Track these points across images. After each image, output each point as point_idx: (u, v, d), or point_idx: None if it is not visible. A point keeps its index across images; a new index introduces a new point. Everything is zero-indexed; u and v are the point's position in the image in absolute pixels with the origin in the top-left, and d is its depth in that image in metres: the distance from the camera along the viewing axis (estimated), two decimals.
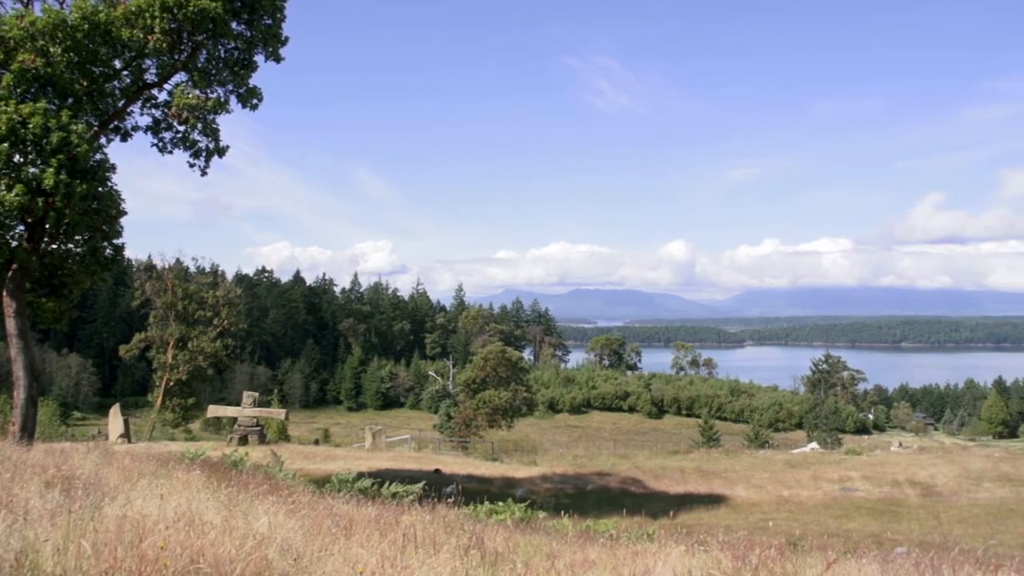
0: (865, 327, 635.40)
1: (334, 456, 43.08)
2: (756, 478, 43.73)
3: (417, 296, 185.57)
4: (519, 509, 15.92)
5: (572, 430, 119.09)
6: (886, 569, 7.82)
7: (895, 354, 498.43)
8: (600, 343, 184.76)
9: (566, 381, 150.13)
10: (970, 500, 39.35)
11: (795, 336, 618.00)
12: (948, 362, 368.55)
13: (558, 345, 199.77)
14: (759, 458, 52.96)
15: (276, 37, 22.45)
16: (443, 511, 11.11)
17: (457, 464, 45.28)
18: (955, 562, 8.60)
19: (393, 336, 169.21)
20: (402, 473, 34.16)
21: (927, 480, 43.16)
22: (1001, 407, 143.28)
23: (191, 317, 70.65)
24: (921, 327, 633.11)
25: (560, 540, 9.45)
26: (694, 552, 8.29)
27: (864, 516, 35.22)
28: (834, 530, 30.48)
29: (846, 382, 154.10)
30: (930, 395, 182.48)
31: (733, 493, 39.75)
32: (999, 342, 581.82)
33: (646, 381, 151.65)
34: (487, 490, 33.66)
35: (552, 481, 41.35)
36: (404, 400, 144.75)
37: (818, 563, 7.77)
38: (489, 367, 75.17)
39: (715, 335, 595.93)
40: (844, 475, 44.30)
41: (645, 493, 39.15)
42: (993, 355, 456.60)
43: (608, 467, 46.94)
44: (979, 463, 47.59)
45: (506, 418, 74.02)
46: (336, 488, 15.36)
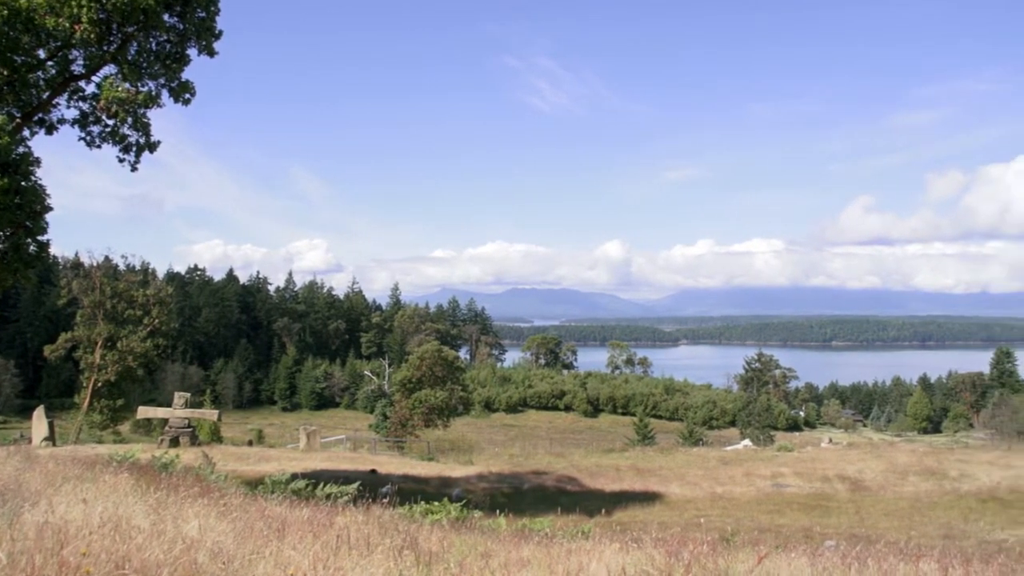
0: (797, 326, 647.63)
1: (268, 457, 42.48)
2: (690, 475, 44.22)
3: (352, 295, 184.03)
4: (455, 509, 15.85)
5: (508, 429, 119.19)
6: (814, 563, 7.94)
7: (825, 353, 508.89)
8: (536, 342, 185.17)
9: (502, 380, 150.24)
10: (896, 494, 40.32)
11: (729, 335, 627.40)
12: (876, 360, 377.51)
13: (494, 344, 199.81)
14: (693, 455, 53.58)
15: (210, 31, 21.99)
16: (378, 512, 11.00)
17: (393, 464, 45.00)
18: (880, 554, 8.79)
19: (328, 335, 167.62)
20: (337, 474, 33.83)
21: (856, 475, 44.10)
22: (925, 403, 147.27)
23: (120, 316, 69.04)
24: (850, 326, 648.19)
25: (495, 539, 9.41)
26: (628, 549, 8.32)
27: (795, 511, 35.83)
28: (766, 525, 30.95)
29: (778, 380, 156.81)
30: (859, 392, 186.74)
31: (668, 490, 40.13)
32: (924, 341, 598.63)
33: (582, 380, 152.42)
34: (423, 490, 33.51)
35: (488, 480, 41.31)
36: (339, 400, 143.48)
37: (749, 558, 7.86)
38: (425, 366, 74.88)
39: (650, 334, 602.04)
40: (776, 471, 45.03)
41: (581, 491, 39.31)
42: (918, 353, 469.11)
43: (544, 466, 47.04)
44: (905, 458, 48.81)
45: (442, 417, 73.81)
46: (270, 490, 15.14)
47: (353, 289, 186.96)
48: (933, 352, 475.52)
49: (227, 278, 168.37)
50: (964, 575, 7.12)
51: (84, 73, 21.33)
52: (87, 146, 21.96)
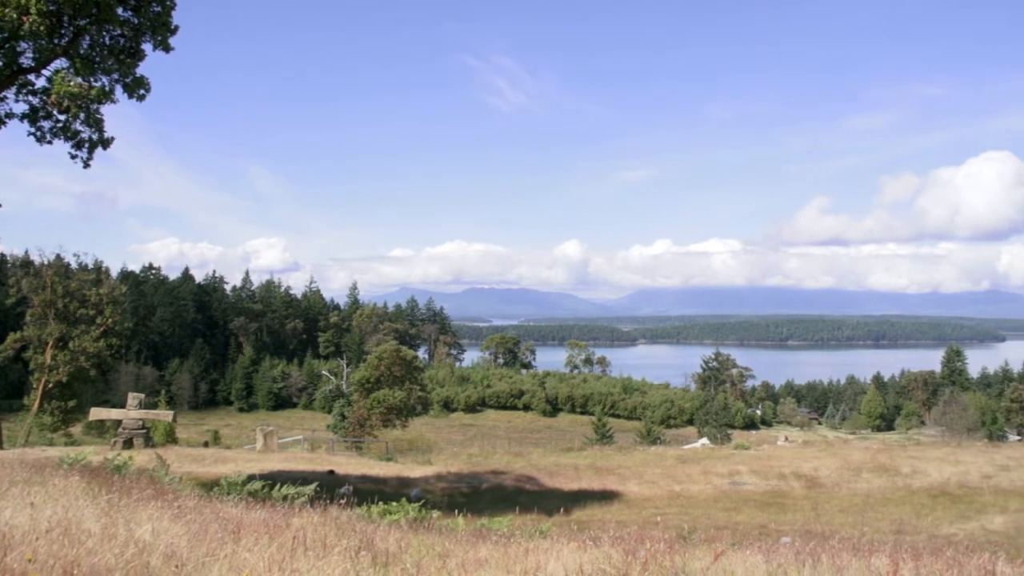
0: (753, 326, 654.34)
1: (224, 458, 42.03)
2: (648, 474, 44.48)
3: (310, 294, 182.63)
4: (413, 509, 15.80)
5: (467, 429, 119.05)
6: (769, 559, 8.01)
7: (782, 352, 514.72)
8: (495, 342, 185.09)
9: (461, 380, 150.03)
10: (850, 490, 40.88)
11: (686, 335, 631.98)
12: (831, 359, 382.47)
13: (453, 344, 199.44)
14: (651, 454, 53.93)
15: (166, 26, 21.60)
16: (335, 513, 10.92)
17: (351, 464, 44.76)
18: (834, 550, 8.89)
19: (286, 335, 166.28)
20: (294, 475, 33.54)
21: (811, 472, 44.64)
22: (879, 401, 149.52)
23: (72, 316, 67.86)
24: (806, 326, 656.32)
25: (453, 539, 9.38)
26: (586, 548, 8.33)
27: (752, 508, 36.18)
28: (723, 523, 31.21)
29: (735, 379, 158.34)
30: (814, 391, 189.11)
31: (626, 489, 40.32)
32: (878, 340, 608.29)
33: (540, 379, 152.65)
34: (381, 490, 33.36)
35: (447, 480, 41.23)
36: (297, 400, 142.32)
37: (706, 556, 7.92)
38: (383, 366, 74.55)
39: (608, 334, 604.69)
40: (733, 469, 45.44)
41: (540, 490, 39.36)
42: (872, 352, 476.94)
43: (503, 465, 47.06)
44: (859, 455, 49.51)
45: (401, 417, 73.53)
46: (225, 491, 14.97)
47: (311, 288, 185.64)
48: (886, 351, 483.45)
49: (183, 277, 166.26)
50: (914, 569, 7.21)
51: (34, 66, 20.87)
52: (37, 142, 21.50)
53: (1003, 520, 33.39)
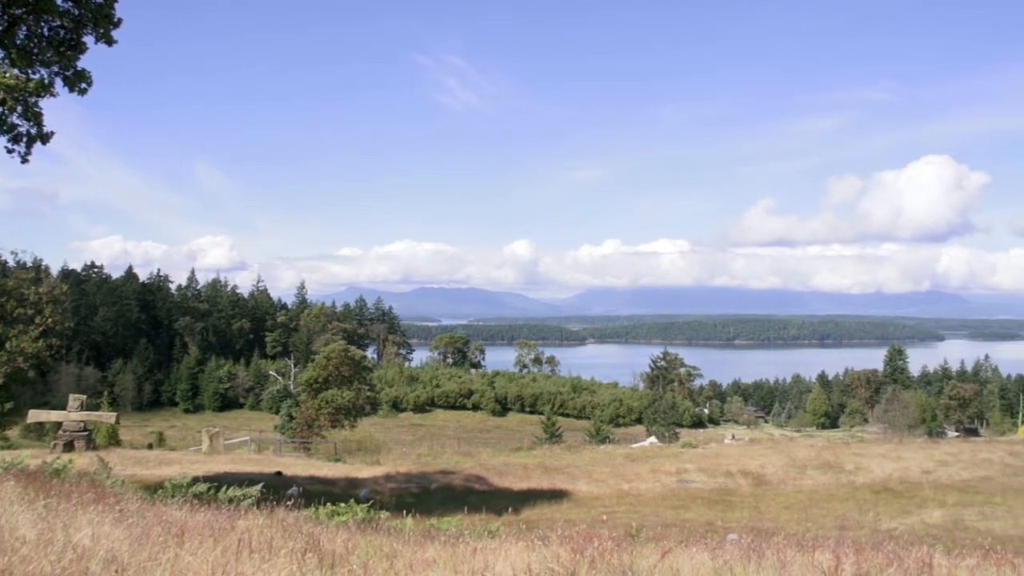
0: (701, 325, 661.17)
1: (169, 460, 41.40)
2: (597, 472, 44.69)
3: (257, 293, 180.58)
4: (362, 510, 15.68)
5: (416, 429, 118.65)
6: (715, 556, 8.08)
7: (729, 351, 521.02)
8: (444, 341, 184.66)
9: (410, 380, 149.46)
10: (796, 487, 41.48)
11: (635, 334, 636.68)
12: (777, 358, 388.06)
13: (402, 343, 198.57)
14: (600, 453, 54.20)
15: (108, 18, 21.09)
16: (282, 514, 10.78)
17: (299, 465, 44.36)
18: (779, 546, 8.99)
19: (232, 335, 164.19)
20: (241, 476, 33.13)
21: (758, 470, 45.20)
22: (824, 400, 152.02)
23: (9, 315, 66.21)
24: (753, 325, 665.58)
25: (401, 540, 9.31)
26: (534, 547, 8.32)
27: (700, 506, 36.52)
28: (672, 521, 31.45)
29: (683, 378, 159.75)
30: (761, 389, 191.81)
31: (575, 488, 40.46)
32: (823, 339, 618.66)
33: (490, 379, 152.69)
34: (330, 491, 33.09)
35: (396, 480, 41.03)
36: (244, 401, 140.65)
37: (653, 553, 7.95)
38: (332, 366, 74.01)
39: (558, 333, 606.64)
40: (681, 467, 45.83)
41: (489, 490, 39.34)
42: (817, 351, 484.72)
43: (452, 465, 46.97)
44: (804, 452, 50.26)
45: (349, 418, 73.06)
46: (170, 494, 14.71)
47: (258, 287, 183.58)
48: (831, 350, 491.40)
49: (126, 276, 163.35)
50: (855, 563, 7.31)
51: None
52: None
53: (942, 514, 34.12)
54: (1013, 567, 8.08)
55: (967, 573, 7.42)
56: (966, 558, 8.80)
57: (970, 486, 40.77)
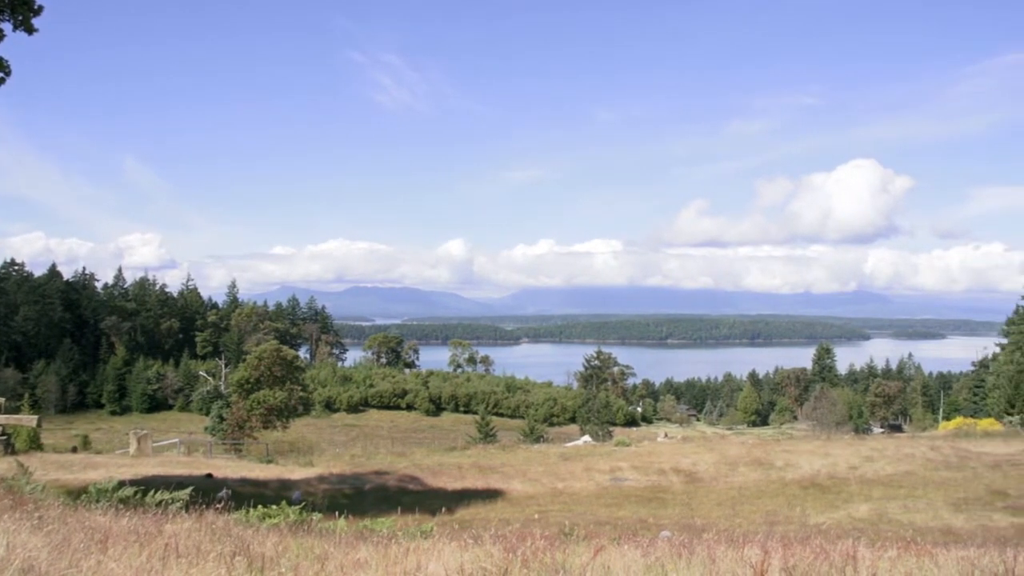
0: (634, 325, 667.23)
1: (94, 464, 40.48)
2: (532, 472, 44.83)
3: (187, 292, 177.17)
4: (294, 512, 15.53)
5: (350, 429, 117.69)
6: (647, 553, 8.15)
7: (662, 350, 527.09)
8: (378, 341, 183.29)
9: (343, 380, 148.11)
10: (727, 484, 42.10)
11: (569, 333, 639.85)
12: (709, 357, 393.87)
13: (335, 343, 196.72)
14: (535, 452, 54.38)
15: (27, 5, 20.43)
16: (211, 517, 10.60)
17: (230, 467, 43.74)
18: (709, 542, 9.12)
19: (161, 335, 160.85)
20: (170, 479, 32.52)
21: (690, 467, 45.78)
22: (754, 398, 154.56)
23: None
24: (685, 325, 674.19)
25: (333, 541, 9.22)
26: (467, 547, 8.31)
27: (633, 504, 36.87)
28: (605, 519, 31.70)
29: (616, 377, 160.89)
30: (693, 388, 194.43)
31: (510, 487, 40.54)
32: (753, 338, 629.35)
33: (424, 379, 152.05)
34: (262, 493, 32.69)
35: (329, 481, 40.69)
36: (173, 402, 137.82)
37: (586, 552, 8.00)
38: (263, 366, 73.12)
39: (492, 333, 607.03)
40: (615, 466, 46.20)
41: (424, 490, 39.22)
42: (748, 350, 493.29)
43: (386, 465, 46.73)
44: (735, 450, 51.06)
45: (281, 418, 72.25)
46: (94, 499, 14.37)
47: (188, 286, 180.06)
48: (761, 349, 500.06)
49: (49, 274, 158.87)
50: (783, 558, 7.45)
51: None
52: None
53: (868, 508, 34.97)
54: (931, 557, 8.31)
55: (889, 564, 7.61)
56: (889, 550, 9.03)
57: (894, 480, 41.84)
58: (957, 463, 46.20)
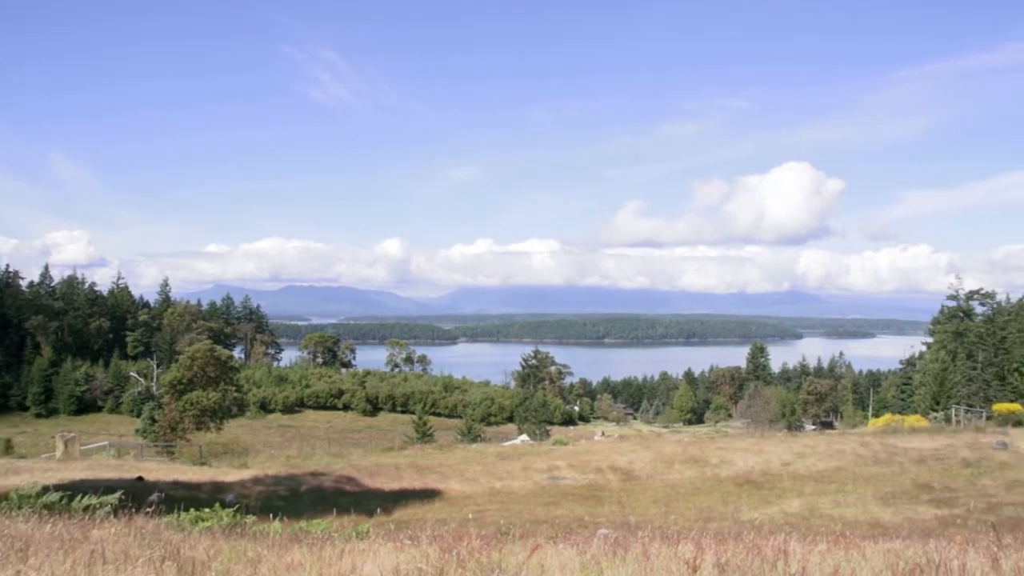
0: (571, 324, 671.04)
1: (17, 469, 39.43)
2: (469, 471, 44.81)
3: (118, 291, 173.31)
4: (227, 515, 15.28)
5: (285, 430, 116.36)
6: (583, 551, 8.18)
7: (599, 349, 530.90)
8: (314, 340, 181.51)
9: (279, 380, 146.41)
10: (663, 482, 42.54)
11: (506, 333, 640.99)
12: (645, 356, 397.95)
13: (270, 343, 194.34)
14: (472, 452, 54.36)
15: None
16: (141, 522, 10.37)
17: (161, 470, 42.96)
18: (645, 539, 9.19)
19: (90, 335, 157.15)
20: (98, 483, 31.74)
21: (627, 466, 46.16)
22: (690, 396, 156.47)
23: None
24: (622, 324, 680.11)
25: (267, 544, 9.08)
26: (403, 548, 8.25)
27: (571, 502, 37.04)
28: (543, 517, 31.79)
29: (554, 376, 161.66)
30: (630, 387, 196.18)
31: (447, 487, 40.46)
32: (689, 338, 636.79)
33: (361, 379, 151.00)
34: (195, 496, 32.14)
35: (264, 483, 40.19)
36: (102, 404, 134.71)
37: (523, 551, 7.99)
38: (197, 366, 71.93)
39: (429, 332, 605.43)
40: (552, 465, 46.39)
41: (361, 491, 38.95)
42: (684, 349, 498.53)
43: (323, 466, 46.32)
44: (671, 448, 51.60)
45: (215, 419, 71.19)
46: (16, 505, 13.94)
47: (118, 285, 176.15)
48: (697, 348, 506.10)
49: None
50: (715, 553, 7.53)
51: None
52: None
53: (800, 503, 35.63)
54: (859, 549, 8.49)
55: (819, 558, 7.74)
56: (819, 544, 9.21)
57: (825, 476, 42.69)
58: (885, 458, 47.31)
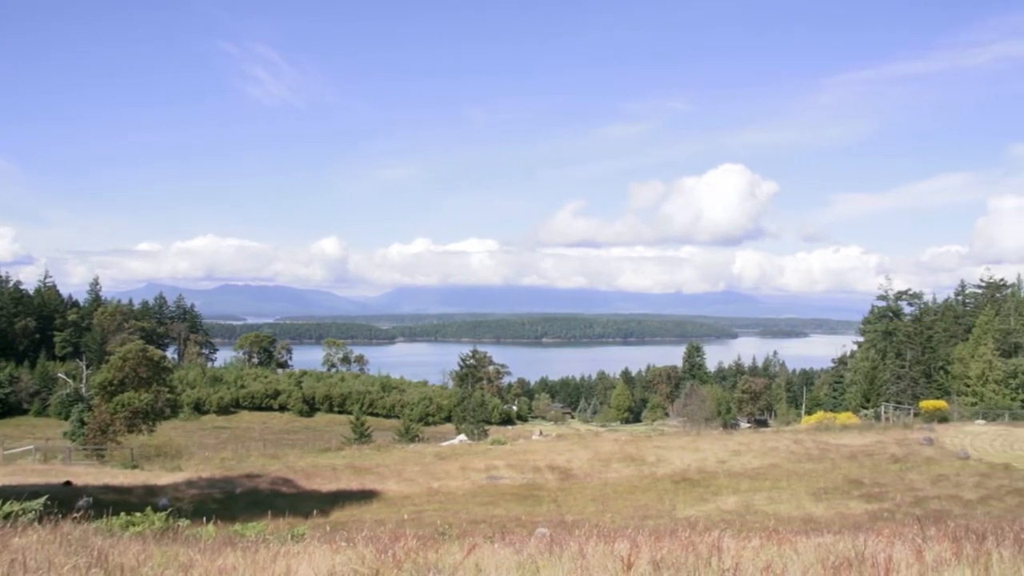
0: (510, 324, 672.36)
1: None
2: (407, 472, 44.68)
3: (45, 290, 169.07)
4: (159, 519, 15.01)
5: (220, 431, 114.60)
6: (520, 550, 8.20)
7: (537, 349, 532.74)
8: (249, 340, 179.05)
9: (213, 380, 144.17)
10: (601, 480, 42.87)
11: (444, 333, 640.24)
12: (583, 356, 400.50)
13: (205, 343, 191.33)
14: (410, 452, 54.21)
15: None
16: (68, 528, 10.09)
17: (91, 474, 42.06)
18: (581, 537, 9.25)
19: (15, 335, 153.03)
20: (23, 489, 30.97)
21: (564, 465, 46.43)
22: (627, 395, 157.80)
23: None
24: (560, 324, 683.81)
25: (199, 548, 8.92)
26: (339, 549, 8.18)
27: (509, 502, 37.14)
28: (481, 517, 31.81)
29: (492, 376, 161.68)
30: (567, 386, 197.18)
31: (385, 488, 40.28)
32: (626, 337, 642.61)
33: (297, 379, 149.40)
34: (126, 500, 31.55)
35: (198, 486, 39.59)
36: (28, 407, 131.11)
37: (460, 551, 7.98)
38: (128, 367, 70.54)
39: (367, 332, 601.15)
40: (490, 464, 46.47)
41: (297, 493, 38.60)
42: (621, 349, 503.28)
43: (258, 468, 45.81)
44: (608, 446, 52.03)
45: (148, 421, 69.87)
46: None
47: (45, 283, 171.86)
48: (634, 348, 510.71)
49: None
50: (651, 550, 7.60)
51: None
52: None
53: (735, 500, 36.19)
54: (792, 544, 8.65)
55: (752, 553, 7.85)
56: (753, 539, 9.35)
57: (760, 473, 43.44)
58: (818, 455, 48.31)
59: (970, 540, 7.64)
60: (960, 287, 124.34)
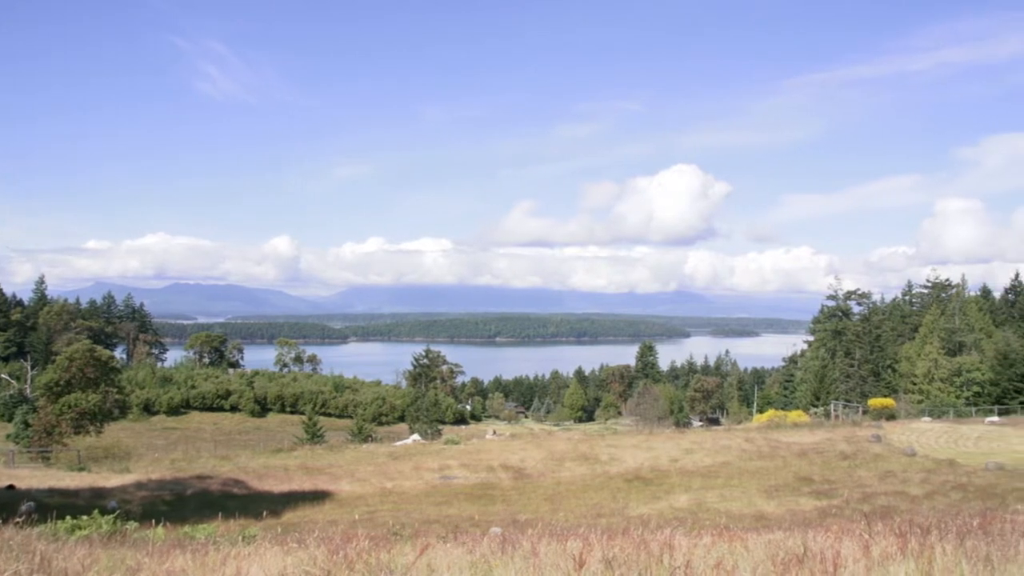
0: (463, 323, 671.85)
1: None
2: (361, 472, 44.46)
3: None
4: (107, 522, 14.79)
5: (170, 432, 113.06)
6: (472, 550, 8.19)
7: (490, 348, 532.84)
8: (200, 340, 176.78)
9: (163, 381, 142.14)
10: (555, 479, 43.01)
11: (398, 332, 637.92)
12: (537, 355, 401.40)
13: (154, 343, 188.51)
14: (363, 452, 53.94)
15: None
16: (9, 533, 9.87)
17: (35, 477, 41.31)
18: (534, 536, 9.27)
19: None
20: None
21: (518, 464, 46.50)
22: (580, 394, 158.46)
23: None
24: (514, 323, 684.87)
25: (147, 551, 8.78)
26: (291, 551, 8.11)
27: (463, 501, 37.11)
28: (435, 517, 31.75)
29: (445, 375, 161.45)
30: (521, 385, 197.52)
31: (338, 488, 40.05)
32: (580, 336, 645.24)
33: (249, 379, 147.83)
34: (72, 503, 30.99)
35: (148, 488, 39.04)
36: None
37: (413, 551, 7.95)
38: (75, 367, 69.25)
39: (319, 331, 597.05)
40: (444, 464, 46.41)
41: (249, 494, 38.22)
42: (574, 348, 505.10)
43: (209, 469, 45.29)
44: (562, 446, 52.22)
45: (95, 423, 68.63)
46: None
47: None
48: (587, 347, 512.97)
49: None
50: (603, 548, 7.63)
51: None
52: None
53: (687, 498, 36.50)
54: (743, 541, 8.74)
55: (704, 551, 7.92)
56: (704, 537, 9.44)
57: (712, 471, 43.88)
58: (769, 453, 48.93)
59: (915, 535, 7.78)
60: (907, 287, 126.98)
